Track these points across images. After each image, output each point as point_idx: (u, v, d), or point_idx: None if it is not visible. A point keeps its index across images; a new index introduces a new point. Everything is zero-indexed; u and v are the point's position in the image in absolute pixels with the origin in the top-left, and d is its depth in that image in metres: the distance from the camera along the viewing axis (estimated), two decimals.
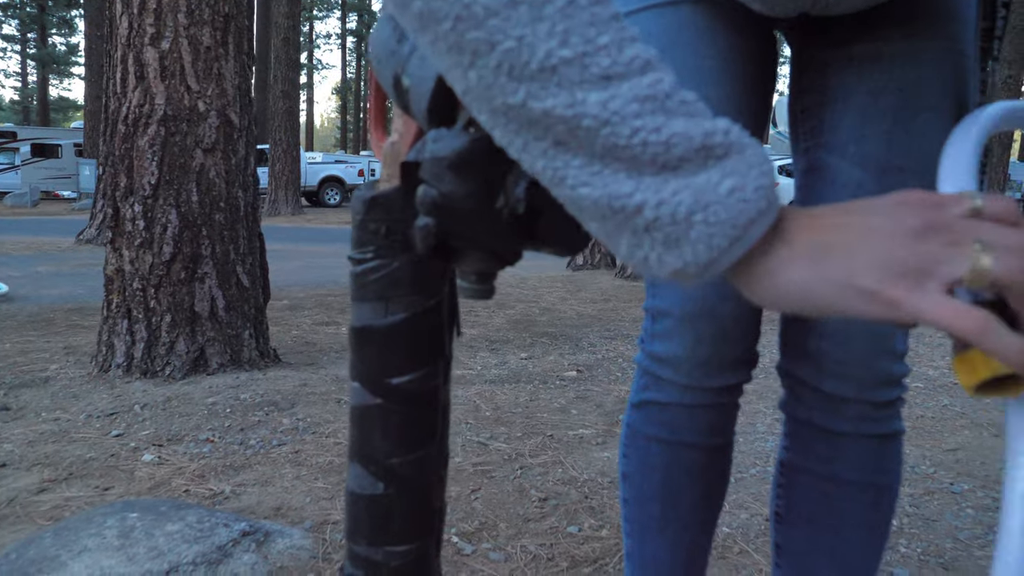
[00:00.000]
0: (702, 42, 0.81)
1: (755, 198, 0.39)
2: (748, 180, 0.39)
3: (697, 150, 0.39)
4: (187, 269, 2.86)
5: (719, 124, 0.40)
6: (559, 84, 0.39)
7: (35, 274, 5.82)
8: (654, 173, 0.40)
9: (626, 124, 0.39)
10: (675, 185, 0.40)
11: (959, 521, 1.80)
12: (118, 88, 2.89)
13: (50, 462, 2.00)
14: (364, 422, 0.68)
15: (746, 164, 0.40)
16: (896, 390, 0.84)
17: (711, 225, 0.39)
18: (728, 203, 0.39)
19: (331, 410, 2.49)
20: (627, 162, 0.40)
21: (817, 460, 0.87)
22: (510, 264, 0.55)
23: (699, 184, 0.39)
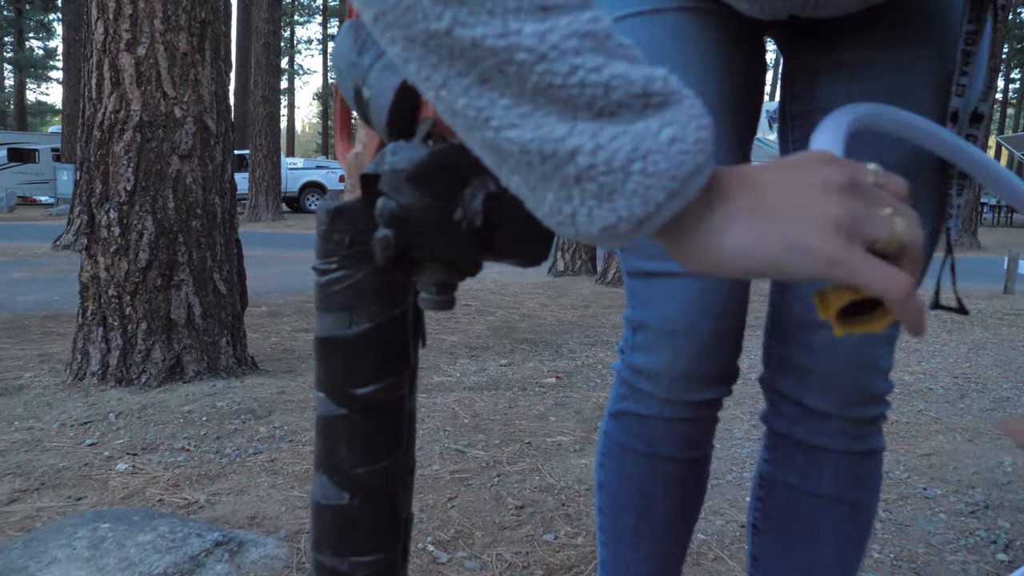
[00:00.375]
0: (689, 50, 0.80)
1: (694, 150, 0.37)
2: (688, 131, 0.37)
3: (636, 95, 0.37)
4: (163, 276, 2.84)
5: (657, 72, 0.38)
6: (491, 11, 0.35)
7: (10, 280, 5.75)
8: (590, 117, 0.37)
9: (564, 60, 0.36)
10: (612, 131, 0.37)
11: (932, 526, 1.82)
12: (94, 94, 2.87)
13: (22, 471, 1.97)
14: (329, 432, 0.68)
15: (686, 115, 0.37)
16: (879, 407, 0.83)
17: (649, 176, 0.37)
18: (669, 153, 0.37)
19: (308, 418, 2.48)
20: (562, 103, 0.36)
21: (796, 474, 0.87)
22: (470, 275, 0.55)
23: (638, 131, 0.37)
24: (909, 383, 3.28)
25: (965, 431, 2.60)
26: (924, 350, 4.02)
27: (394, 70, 0.52)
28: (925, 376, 3.41)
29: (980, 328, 4.69)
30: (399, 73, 0.51)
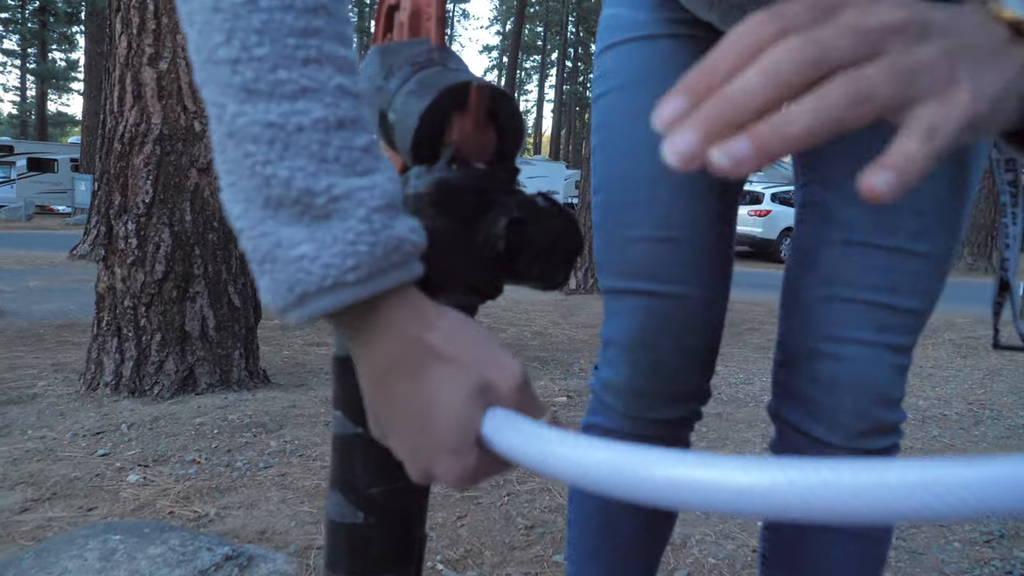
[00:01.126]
0: (675, 77, 0.81)
1: (320, 273, 0.38)
2: (323, 253, 0.38)
3: (294, 200, 0.38)
4: (179, 288, 2.86)
5: (340, 184, 0.38)
6: (215, 81, 0.38)
7: (26, 289, 5.80)
8: (260, 205, 0.38)
9: (242, 145, 0.38)
10: (266, 226, 0.38)
11: (946, 555, 1.80)
12: (115, 107, 2.91)
13: (34, 481, 1.98)
14: (345, 451, 0.68)
15: (333, 237, 0.38)
16: (889, 438, 0.81)
17: (274, 281, 0.39)
18: (290, 268, 0.38)
19: (319, 433, 2.49)
20: (243, 184, 0.38)
21: None
22: (491, 299, 0.56)
23: (282, 235, 0.38)
24: (923, 408, 3.25)
25: None
26: (938, 375, 3.98)
27: (420, 94, 0.53)
28: (939, 402, 3.38)
29: (995, 354, 4.65)
30: (425, 97, 0.52)
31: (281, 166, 0.37)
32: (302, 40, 0.38)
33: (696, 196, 0.82)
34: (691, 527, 1.89)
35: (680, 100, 0.32)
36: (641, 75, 0.82)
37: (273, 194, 0.38)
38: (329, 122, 0.38)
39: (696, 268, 0.83)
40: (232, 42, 0.37)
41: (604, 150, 0.86)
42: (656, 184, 0.81)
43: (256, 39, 0.37)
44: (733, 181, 0.87)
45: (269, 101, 0.37)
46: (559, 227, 0.54)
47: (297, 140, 0.38)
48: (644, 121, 0.81)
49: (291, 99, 0.38)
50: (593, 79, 0.90)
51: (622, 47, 0.84)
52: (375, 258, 0.39)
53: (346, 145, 0.39)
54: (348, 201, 0.38)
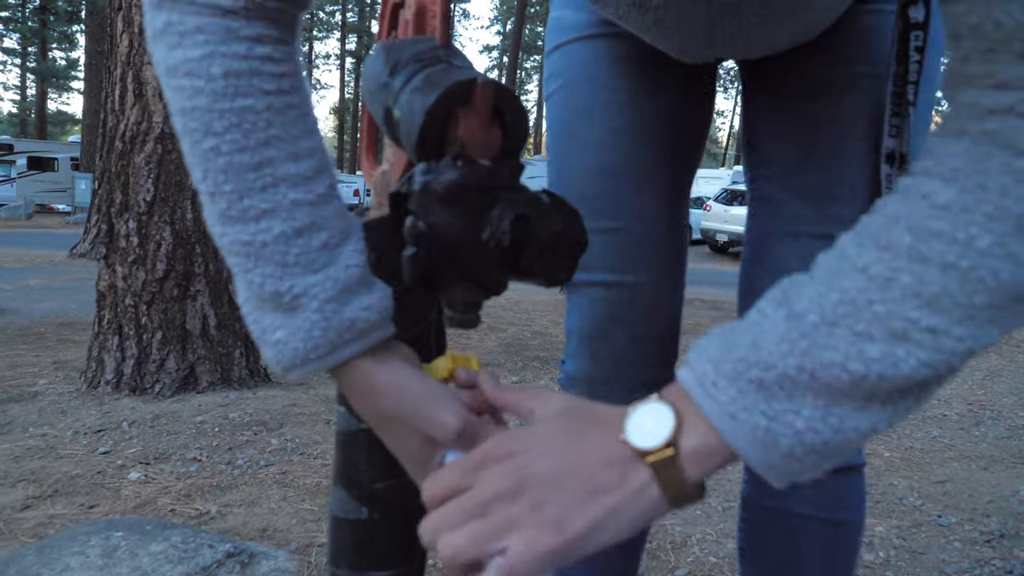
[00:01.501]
0: (614, 74, 0.84)
1: (290, 354, 0.49)
2: (291, 339, 0.48)
3: (268, 298, 0.48)
4: (180, 286, 2.87)
5: (298, 283, 0.48)
6: (206, 208, 0.49)
7: (27, 287, 5.81)
8: (252, 298, 0.50)
9: (229, 258, 0.49)
10: (256, 314, 0.50)
11: (946, 554, 1.80)
12: (116, 105, 2.91)
13: (35, 478, 1.99)
14: (349, 447, 0.68)
15: (296, 326, 0.48)
16: None
17: (266, 355, 0.50)
18: (272, 349, 0.49)
19: (320, 431, 2.49)
20: (238, 281, 0.50)
21: (771, 495, 0.86)
22: (496, 294, 0.56)
23: (265, 322, 0.49)
24: (923, 409, 3.25)
25: (980, 459, 2.57)
26: None
27: (425, 91, 0.53)
28: (939, 402, 3.38)
29: (995, 355, 4.65)
30: (430, 94, 0.52)
31: (256, 273, 0.48)
32: (257, 172, 0.47)
33: (641, 187, 0.84)
34: (692, 526, 1.90)
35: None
36: (584, 74, 0.85)
37: (254, 292, 0.49)
38: (288, 234, 0.48)
39: (646, 257, 0.85)
40: (207, 179, 0.48)
41: (554, 147, 0.89)
42: (601, 177, 0.84)
43: (223, 177, 0.47)
44: (679, 172, 0.89)
45: (241, 223, 0.48)
46: (563, 223, 0.54)
47: (263, 253, 0.48)
48: (587, 117, 0.85)
49: (256, 220, 0.47)
50: (544, 80, 0.93)
51: (567, 47, 0.87)
52: (329, 339, 0.49)
53: (303, 249, 0.48)
54: (305, 297, 0.48)
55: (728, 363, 0.42)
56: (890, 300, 0.39)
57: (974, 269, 0.38)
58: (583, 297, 0.88)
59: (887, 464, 2.47)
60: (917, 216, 0.39)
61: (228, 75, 0.46)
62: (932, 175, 0.40)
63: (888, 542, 1.87)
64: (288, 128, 0.48)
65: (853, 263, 0.41)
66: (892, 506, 2.11)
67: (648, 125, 0.85)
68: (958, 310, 0.38)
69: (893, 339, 0.39)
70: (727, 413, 0.41)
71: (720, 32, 0.73)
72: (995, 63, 0.39)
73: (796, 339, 0.40)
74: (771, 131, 0.84)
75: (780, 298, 0.43)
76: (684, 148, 0.89)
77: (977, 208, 0.38)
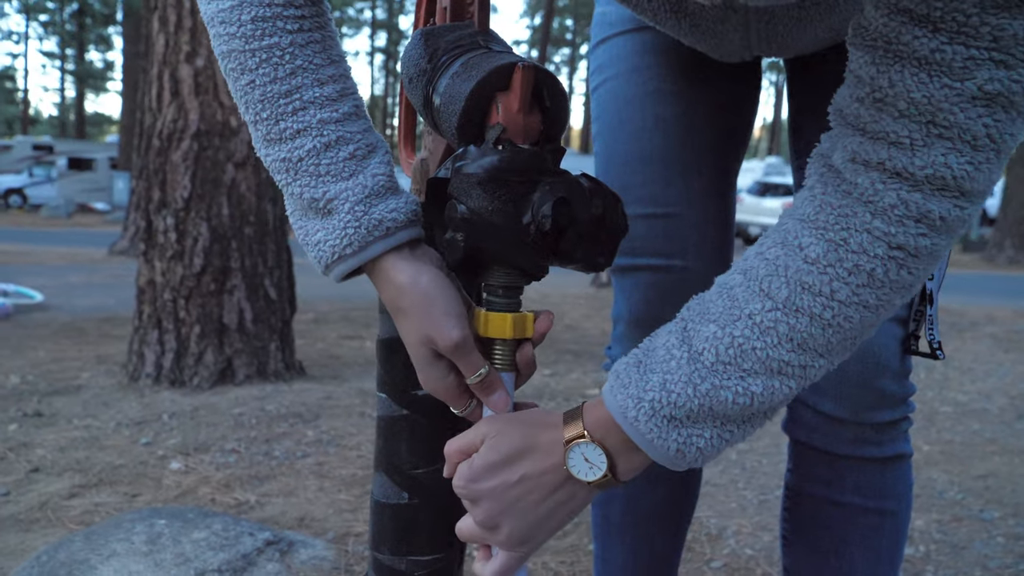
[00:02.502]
0: (661, 64, 0.85)
1: (329, 252, 0.55)
2: (329, 238, 0.55)
3: (307, 206, 0.56)
4: (216, 281, 2.91)
5: (331, 189, 0.54)
6: (253, 137, 0.57)
7: (68, 284, 5.94)
8: (296, 209, 0.57)
9: (275, 176, 0.56)
10: (301, 222, 0.57)
11: (989, 549, 1.77)
12: (153, 104, 2.96)
13: (81, 468, 2.04)
14: (390, 432, 0.69)
15: (332, 226, 0.55)
16: (898, 410, 0.81)
17: (310, 257, 0.56)
18: (315, 249, 0.56)
19: (354, 423, 2.51)
20: (288, 198, 0.57)
21: (818, 483, 0.85)
22: (536, 279, 0.56)
23: (308, 227, 0.56)
24: (963, 403, 3.19)
25: (1022, 453, 2.51)
26: (978, 370, 3.91)
27: (465, 76, 0.53)
28: (980, 396, 3.32)
29: None
30: (471, 79, 0.53)
31: (295, 185, 0.55)
32: (288, 98, 0.54)
33: (689, 173, 0.86)
34: (727, 519, 1.88)
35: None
36: (631, 65, 0.87)
37: (297, 203, 0.56)
38: (318, 148, 0.55)
39: (694, 241, 0.87)
40: (249, 111, 0.55)
41: (602, 137, 0.91)
42: (650, 163, 0.86)
43: (260, 106, 0.55)
44: (727, 159, 0.89)
45: (279, 144, 0.55)
46: (604, 208, 0.54)
47: (299, 167, 0.55)
48: (636, 106, 0.86)
49: (291, 139, 0.55)
50: (589, 74, 0.95)
51: (613, 40, 0.89)
52: (360, 236, 0.54)
53: (332, 161, 0.55)
54: (337, 200, 0.54)
55: (645, 403, 0.51)
56: (769, 345, 0.49)
57: (835, 317, 0.49)
58: (631, 281, 0.89)
59: (926, 458, 2.43)
60: (793, 270, 0.49)
61: (256, 20, 0.54)
62: (808, 225, 0.49)
63: (928, 536, 1.83)
64: (311, 59, 0.55)
65: (742, 309, 0.51)
66: (932, 500, 2.07)
67: (696, 113, 0.86)
68: (820, 348, 0.50)
69: (771, 374, 0.50)
70: (647, 440, 0.52)
71: (756, 36, 0.74)
72: (881, 113, 0.46)
73: (698, 383, 0.50)
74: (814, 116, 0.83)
75: (682, 335, 0.53)
76: (731, 135, 0.89)
77: (839, 264, 0.48)
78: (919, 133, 0.45)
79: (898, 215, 0.46)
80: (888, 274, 0.48)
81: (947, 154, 0.45)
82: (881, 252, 0.47)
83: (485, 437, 0.56)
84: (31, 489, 1.89)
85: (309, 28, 0.56)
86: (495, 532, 0.55)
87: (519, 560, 0.57)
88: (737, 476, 2.20)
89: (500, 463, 0.54)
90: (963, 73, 0.43)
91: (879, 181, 0.47)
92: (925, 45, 0.44)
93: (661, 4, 0.73)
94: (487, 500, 0.55)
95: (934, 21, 0.43)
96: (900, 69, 0.45)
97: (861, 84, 0.47)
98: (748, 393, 0.50)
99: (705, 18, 0.73)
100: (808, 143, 0.84)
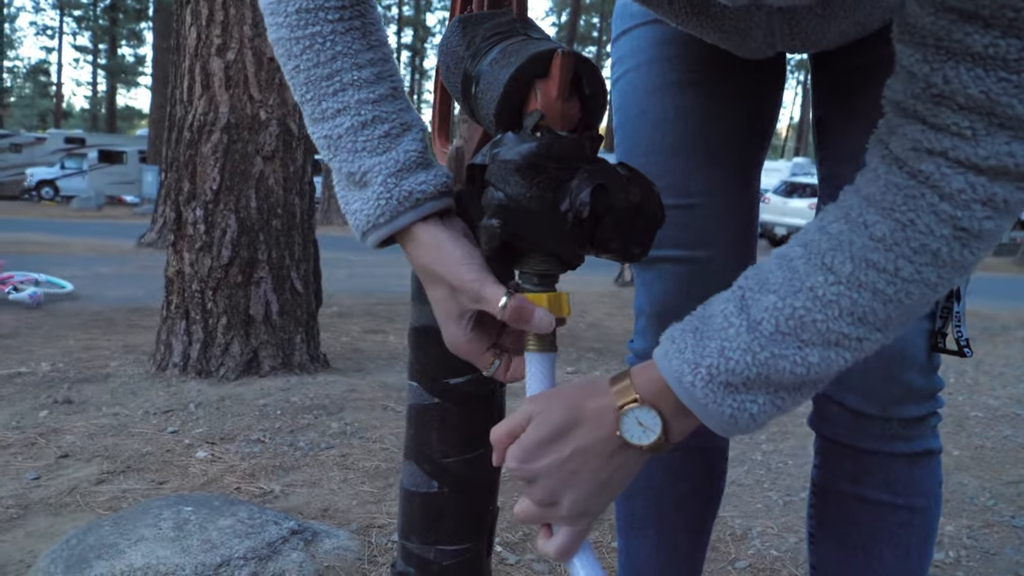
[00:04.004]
0: (683, 55, 0.85)
1: (364, 220, 0.59)
2: (365, 207, 0.58)
3: (347, 178, 0.60)
4: (244, 273, 2.94)
5: (366, 163, 0.58)
6: (305, 117, 0.61)
7: (98, 275, 6.03)
8: (339, 181, 0.61)
9: (321, 151, 0.61)
10: (343, 192, 0.61)
11: (1020, 556, 1.74)
12: (184, 96, 2.99)
13: (109, 455, 2.06)
14: (421, 421, 0.69)
15: (367, 197, 0.58)
16: (926, 405, 0.80)
17: (352, 224, 0.60)
18: (353, 217, 0.60)
19: (378, 416, 2.53)
20: (334, 172, 0.61)
21: (845, 479, 0.84)
22: (571, 268, 0.56)
23: (348, 197, 0.60)
24: (995, 408, 3.13)
25: None
26: (1010, 374, 3.84)
27: (504, 63, 0.53)
28: (1012, 401, 3.26)
29: None
30: (510, 66, 0.52)
31: (336, 160, 0.60)
32: (329, 81, 0.58)
33: (711, 163, 0.85)
34: (752, 519, 1.87)
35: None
36: (653, 55, 0.86)
37: (339, 176, 0.60)
38: (355, 126, 0.58)
39: (716, 232, 0.86)
40: (297, 93, 0.60)
41: (623, 128, 0.90)
42: (672, 154, 0.85)
43: (305, 88, 0.59)
44: (749, 150, 0.88)
45: (322, 122, 0.59)
46: (641, 196, 0.54)
47: (340, 143, 0.59)
48: (658, 96, 0.85)
49: (332, 118, 0.59)
50: (611, 65, 0.94)
51: (635, 31, 0.88)
52: (392, 207, 0.58)
53: (369, 137, 0.58)
54: (371, 174, 0.58)
55: (702, 368, 0.52)
56: (830, 318, 0.50)
57: (896, 293, 0.50)
58: (653, 274, 0.89)
59: (956, 463, 2.39)
60: (858, 246, 0.50)
61: (300, 11, 0.58)
62: (873, 205, 0.50)
63: (959, 541, 1.80)
64: (351, 45, 0.59)
65: (803, 281, 0.51)
66: (962, 505, 2.04)
67: (718, 103, 0.85)
68: (879, 322, 0.51)
69: (828, 346, 0.51)
70: (701, 405, 0.53)
71: (780, 33, 0.74)
72: (940, 107, 0.46)
73: (757, 351, 0.51)
74: (839, 111, 0.83)
75: (740, 304, 0.53)
76: (754, 126, 0.88)
77: (906, 244, 0.49)
78: (981, 123, 0.45)
79: (965, 199, 0.47)
80: (952, 254, 0.49)
81: (1010, 142, 0.45)
82: (947, 233, 0.48)
83: (531, 416, 0.55)
84: (61, 474, 1.92)
85: (350, 17, 0.60)
86: (555, 508, 0.56)
87: (582, 534, 0.57)
88: (763, 477, 2.18)
89: (551, 438, 0.54)
90: (1018, 65, 0.43)
91: (945, 167, 0.47)
92: (978, 41, 0.44)
93: (683, 6, 0.72)
94: (543, 477, 0.54)
95: (984, 18, 0.43)
96: (955, 65, 0.45)
97: (915, 80, 0.47)
98: (805, 363, 0.51)
99: (728, 18, 0.72)
100: (831, 135, 0.83)
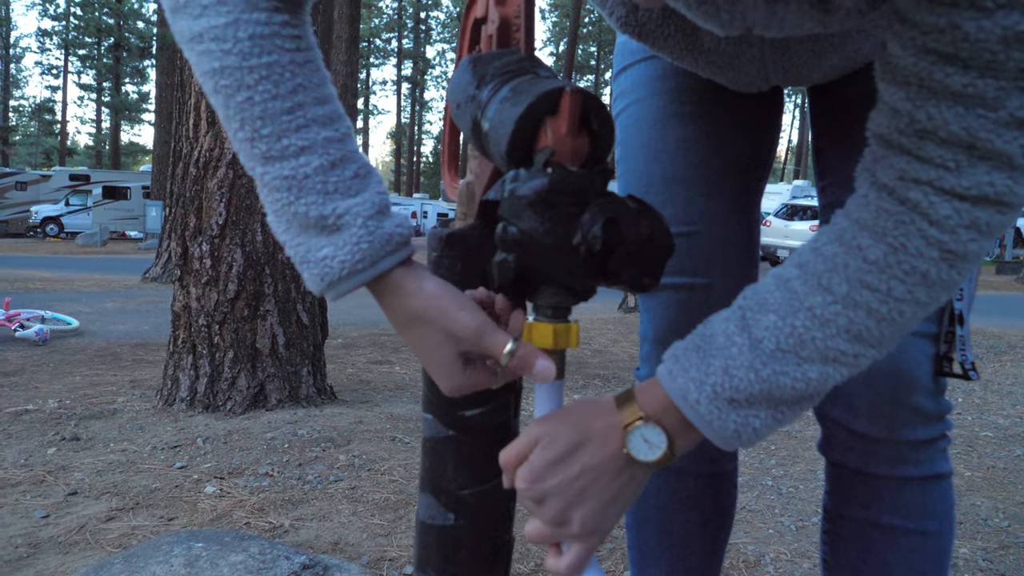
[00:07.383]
0: (682, 88, 0.87)
1: (337, 267, 0.55)
2: (338, 253, 0.54)
3: (313, 223, 0.55)
4: (250, 307, 2.95)
5: (340, 205, 0.54)
6: (243, 153, 0.56)
7: (103, 310, 6.05)
8: (295, 227, 0.56)
9: (272, 193, 0.55)
10: (300, 239, 0.56)
11: None
12: (190, 133, 3.03)
13: (118, 491, 2.06)
14: (436, 453, 0.69)
15: (343, 241, 0.54)
16: (935, 428, 0.80)
17: (310, 276, 0.56)
18: (319, 265, 0.55)
19: (386, 448, 2.52)
20: (280, 215, 0.56)
21: (856, 505, 0.84)
22: (584, 300, 0.57)
23: (310, 244, 0.55)
24: (1004, 427, 3.11)
25: None
26: (1018, 393, 3.82)
27: (514, 101, 0.54)
28: (1021, 420, 3.24)
29: None
30: (520, 104, 0.54)
31: (299, 204, 0.55)
32: (291, 115, 0.54)
33: (711, 193, 0.87)
34: (765, 545, 1.85)
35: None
36: (653, 89, 0.89)
37: (299, 221, 0.55)
38: (325, 166, 0.55)
39: (717, 259, 0.87)
40: (245, 128, 0.54)
41: (625, 160, 0.92)
42: (672, 183, 0.87)
43: (260, 123, 0.54)
44: (750, 179, 0.90)
45: (282, 161, 0.54)
46: (651, 228, 0.55)
47: (305, 184, 0.54)
48: (659, 129, 0.88)
49: (295, 157, 0.54)
50: (613, 100, 0.97)
51: (635, 67, 0.91)
52: (374, 250, 0.55)
53: (340, 178, 0.55)
54: (348, 216, 0.55)
55: (707, 386, 0.54)
56: (828, 336, 0.53)
57: (890, 311, 0.52)
58: (656, 301, 0.90)
59: (968, 484, 2.37)
60: (853, 268, 0.52)
61: (253, 37, 0.53)
62: (866, 229, 0.53)
63: (973, 564, 1.79)
64: (310, 78, 0.56)
65: (801, 301, 0.54)
66: (976, 527, 2.02)
67: (718, 134, 0.87)
68: (874, 339, 0.53)
69: (826, 362, 0.54)
70: (706, 421, 0.55)
71: (772, 67, 0.76)
72: (924, 141, 0.49)
73: (759, 368, 0.53)
74: (838, 141, 0.84)
75: (741, 323, 0.55)
76: (753, 154, 0.90)
77: (898, 266, 0.51)
78: (963, 155, 0.48)
79: (951, 224, 0.50)
80: (940, 275, 0.52)
81: (990, 172, 0.48)
82: (936, 255, 0.51)
83: (538, 438, 0.56)
84: (70, 512, 1.91)
85: (305, 48, 0.57)
86: (566, 527, 0.57)
87: (590, 551, 0.59)
88: (774, 502, 2.17)
89: (559, 458, 0.55)
90: (995, 103, 0.46)
91: (932, 195, 0.50)
92: (957, 81, 0.47)
93: (677, 42, 0.74)
94: (553, 497, 0.56)
95: (963, 60, 0.46)
96: (936, 104, 0.48)
97: (898, 116, 0.50)
98: (805, 379, 0.54)
99: (721, 54, 0.75)
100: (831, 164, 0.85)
